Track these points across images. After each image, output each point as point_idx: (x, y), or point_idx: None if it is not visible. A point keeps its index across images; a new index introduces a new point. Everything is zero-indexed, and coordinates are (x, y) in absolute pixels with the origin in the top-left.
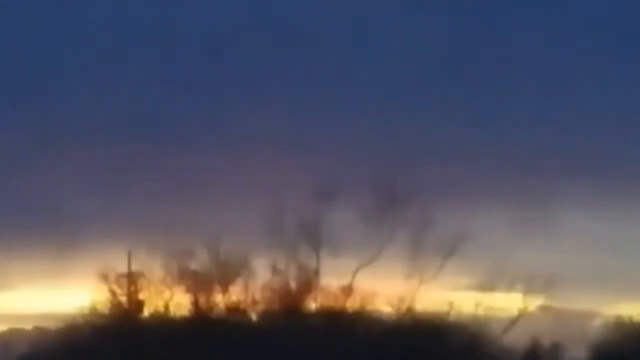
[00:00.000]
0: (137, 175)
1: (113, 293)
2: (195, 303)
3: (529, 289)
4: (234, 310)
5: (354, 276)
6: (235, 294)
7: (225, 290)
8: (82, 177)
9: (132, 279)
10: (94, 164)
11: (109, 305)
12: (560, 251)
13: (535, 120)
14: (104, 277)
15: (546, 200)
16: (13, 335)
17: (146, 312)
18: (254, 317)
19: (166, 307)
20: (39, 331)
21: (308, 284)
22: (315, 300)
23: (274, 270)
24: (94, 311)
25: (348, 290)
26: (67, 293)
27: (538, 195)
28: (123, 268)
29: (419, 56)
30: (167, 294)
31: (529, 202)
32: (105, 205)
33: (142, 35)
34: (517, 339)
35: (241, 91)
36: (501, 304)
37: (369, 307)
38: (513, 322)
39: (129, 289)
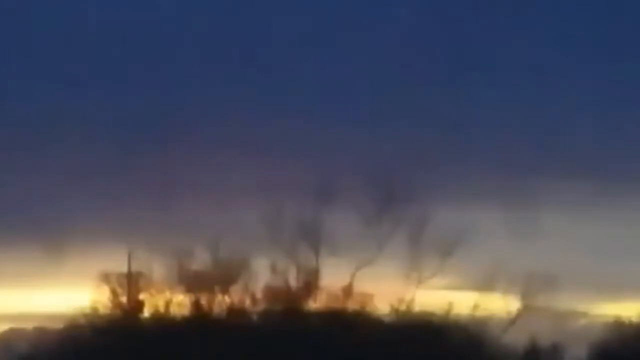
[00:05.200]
0: (137, 175)
1: (113, 293)
2: (196, 303)
3: (528, 289)
4: (234, 310)
5: (353, 276)
6: (236, 294)
7: (225, 290)
8: (83, 178)
9: (132, 279)
10: (94, 164)
11: (109, 305)
12: (558, 252)
13: (532, 122)
14: (105, 277)
15: (544, 202)
16: (13, 335)
17: (146, 312)
18: (254, 317)
19: (166, 307)
20: (39, 331)
21: (308, 284)
22: (315, 301)
23: (274, 270)
24: (94, 311)
25: (347, 290)
26: (67, 293)
27: (536, 196)
28: (123, 268)
29: (418, 58)
30: (167, 294)
31: (527, 204)
32: (105, 205)
33: (141, 36)
34: (517, 339)
35: (242, 91)
36: (500, 305)
37: (368, 307)
38: (512, 322)
39: (129, 289)
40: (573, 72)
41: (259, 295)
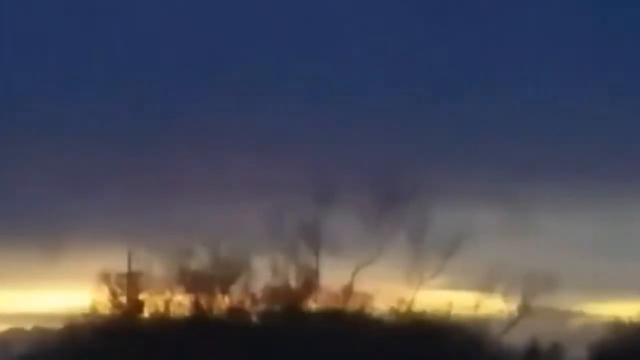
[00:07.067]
0: (137, 175)
1: (113, 293)
2: (196, 303)
3: (528, 289)
4: (234, 310)
5: (353, 276)
6: (236, 294)
7: (225, 290)
8: (83, 178)
9: (132, 279)
10: (94, 164)
11: (109, 305)
12: (558, 252)
13: (532, 122)
14: (105, 277)
15: (544, 202)
16: (13, 335)
17: (146, 312)
18: (254, 317)
19: (166, 307)
20: (39, 331)
21: (308, 284)
22: (315, 301)
23: (274, 270)
24: (94, 311)
25: (348, 290)
26: (67, 293)
27: (536, 197)
28: (123, 268)
29: (418, 58)
30: (167, 294)
31: (527, 204)
32: (105, 206)
33: (140, 35)
34: (517, 339)
35: (241, 91)
36: (500, 305)
37: (369, 307)
38: (512, 322)
39: (129, 289)
40: (572, 72)
41: (259, 295)
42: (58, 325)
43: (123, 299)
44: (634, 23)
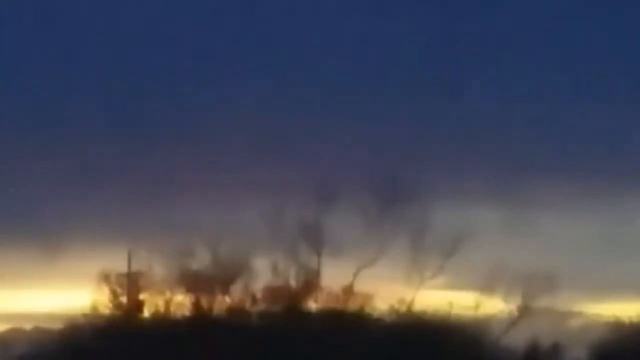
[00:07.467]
0: (137, 175)
1: (114, 293)
2: (196, 303)
3: (528, 290)
4: (235, 310)
5: (354, 277)
6: (236, 294)
7: (225, 290)
8: (83, 178)
9: (132, 279)
10: (94, 164)
11: (109, 305)
12: (558, 251)
13: (533, 122)
14: (105, 277)
15: (545, 202)
16: (13, 335)
17: (146, 312)
18: (254, 317)
19: (166, 307)
20: (39, 331)
21: (309, 284)
22: (315, 301)
23: (275, 270)
24: (94, 311)
25: (348, 290)
26: (67, 293)
27: (536, 197)
28: (123, 268)
29: (418, 58)
30: (167, 294)
31: (527, 204)
32: (105, 205)
33: (141, 35)
34: (517, 339)
35: (241, 91)
36: (500, 305)
37: (370, 307)
38: (512, 322)
39: (129, 289)
40: (573, 72)
41: (259, 295)
42: (58, 325)
43: (123, 299)
44: (635, 22)
